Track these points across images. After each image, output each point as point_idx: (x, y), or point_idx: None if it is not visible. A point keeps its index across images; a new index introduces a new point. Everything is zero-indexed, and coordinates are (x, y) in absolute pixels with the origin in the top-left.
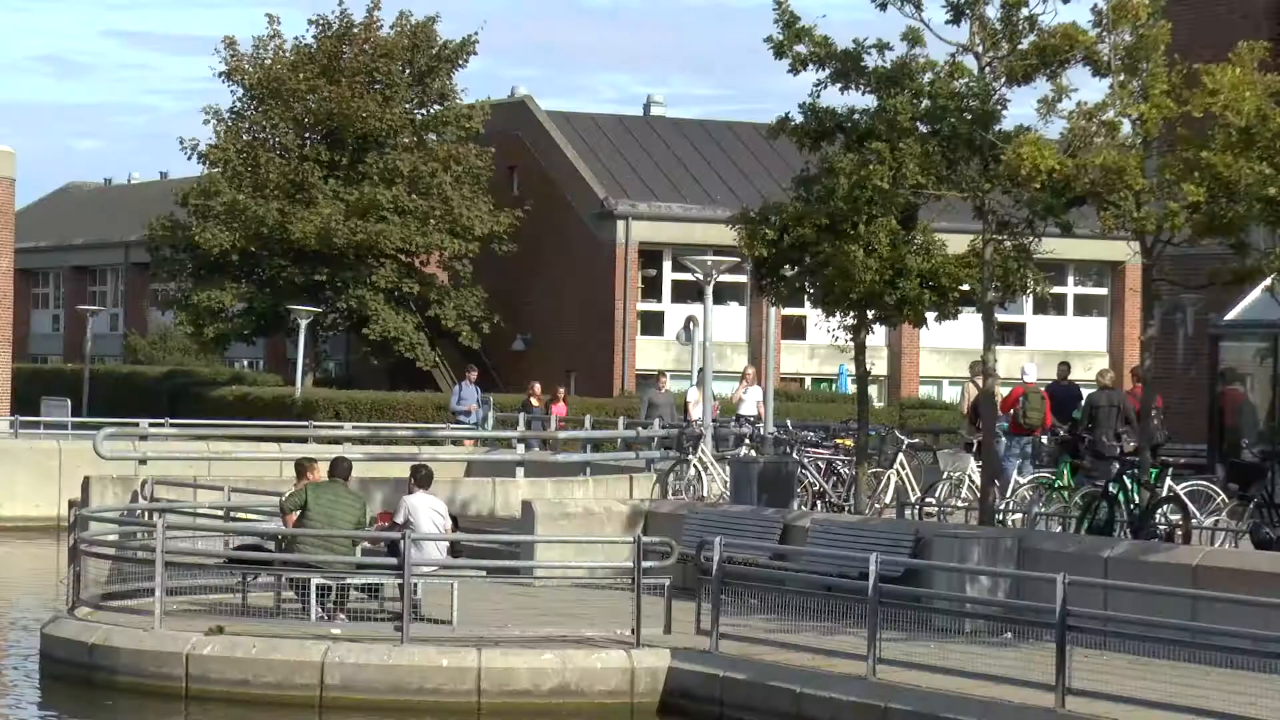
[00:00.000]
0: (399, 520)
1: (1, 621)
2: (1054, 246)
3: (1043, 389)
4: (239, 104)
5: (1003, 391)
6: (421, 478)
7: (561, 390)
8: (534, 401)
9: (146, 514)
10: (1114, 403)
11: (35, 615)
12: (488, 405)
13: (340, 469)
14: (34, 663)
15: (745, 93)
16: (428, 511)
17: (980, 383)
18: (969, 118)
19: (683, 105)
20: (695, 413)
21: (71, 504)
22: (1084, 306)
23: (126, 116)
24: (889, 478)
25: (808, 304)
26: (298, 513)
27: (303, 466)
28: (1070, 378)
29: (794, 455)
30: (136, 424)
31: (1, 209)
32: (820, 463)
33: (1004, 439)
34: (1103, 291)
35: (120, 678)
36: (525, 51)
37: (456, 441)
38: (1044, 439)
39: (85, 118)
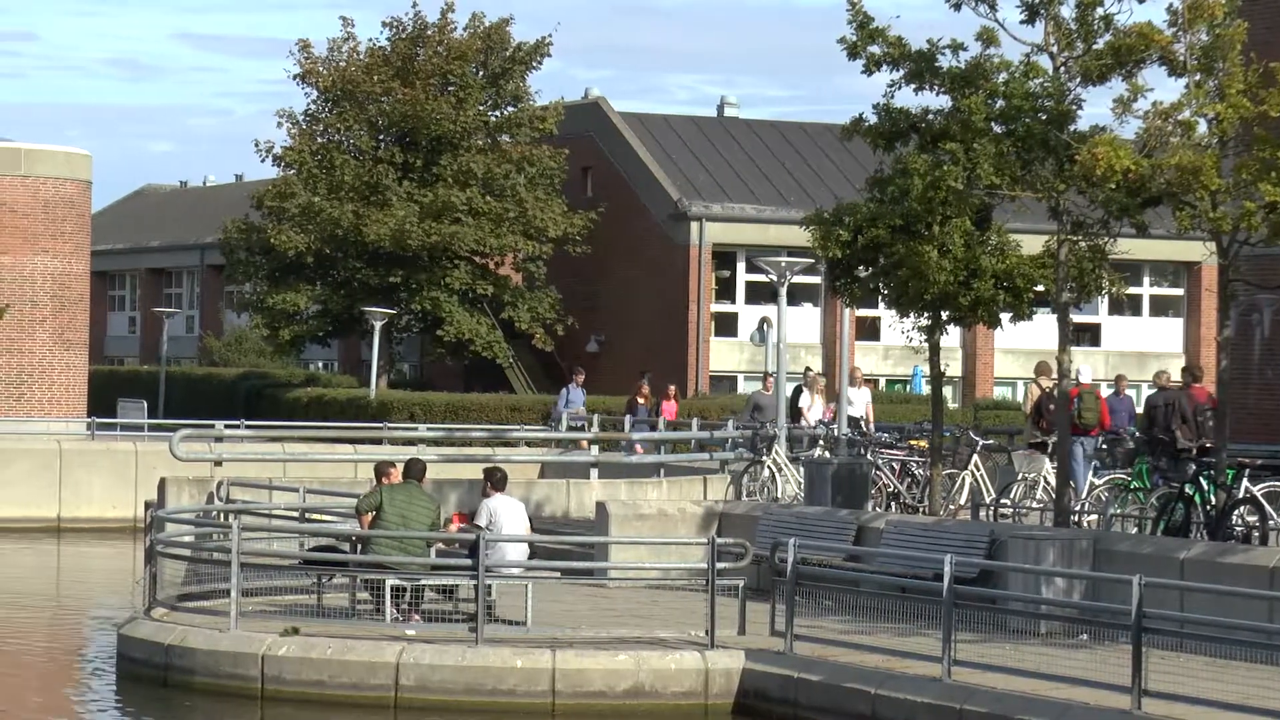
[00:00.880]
0: (480, 522)
1: (79, 622)
2: (1129, 247)
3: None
4: (313, 106)
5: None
6: (497, 480)
7: (673, 388)
8: (640, 400)
9: (222, 515)
10: (1170, 402)
11: (112, 616)
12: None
13: (415, 470)
14: (111, 663)
15: (817, 94)
16: (510, 514)
17: (1043, 384)
18: (1044, 118)
19: (755, 106)
20: (814, 415)
21: (148, 505)
22: (1159, 307)
23: (200, 119)
24: (964, 479)
25: (882, 305)
26: (372, 514)
27: (381, 469)
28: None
29: (868, 456)
30: (212, 426)
31: (78, 212)
32: (895, 464)
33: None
34: (1178, 292)
35: (196, 678)
36: (598, 53)
37: (530, 443)
38: (1101, 440)
39: (159, 121)
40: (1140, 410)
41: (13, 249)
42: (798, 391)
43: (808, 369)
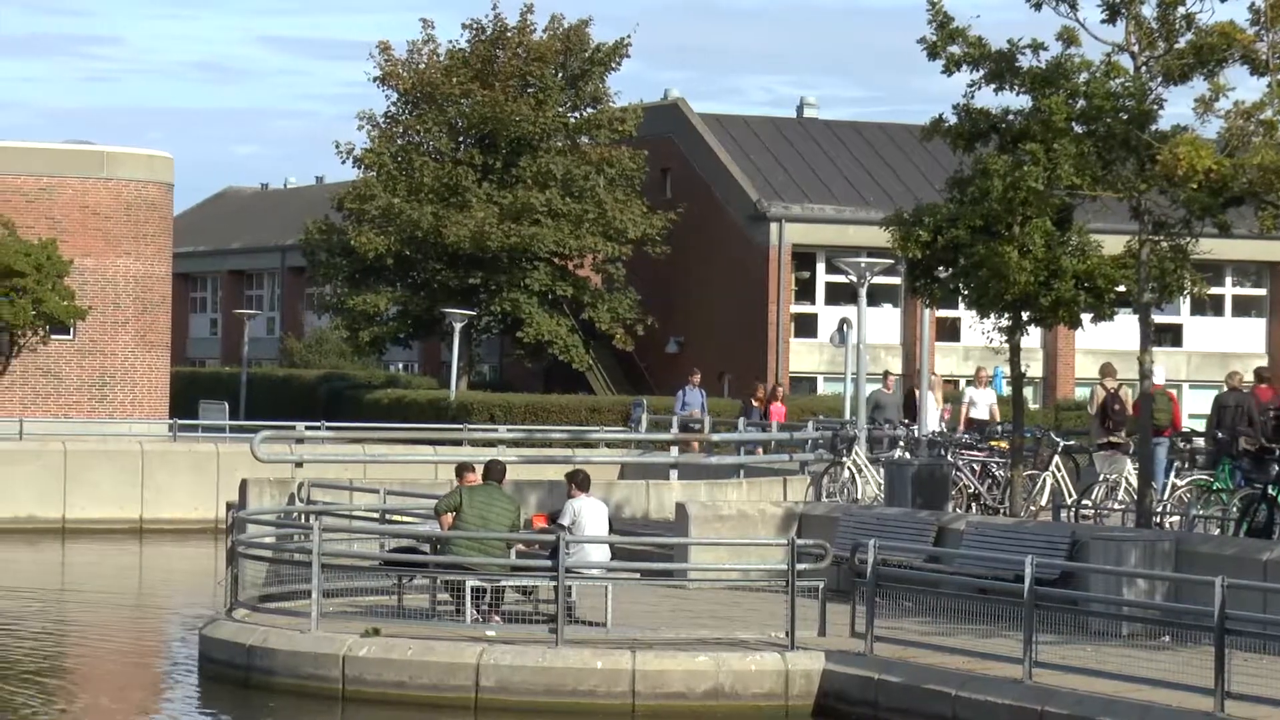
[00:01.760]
0: (564, 521)
1: (161, 623)
2: (1211, 247)
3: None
4: (393, 108)
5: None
6: (580, 481)
7: (780, 388)
8: (755, 402)
9: (303, 516)
10: (1240, 403)
11: (194, 616)
12: (641, 408)
13: (494, 472)
14: (193, 664)
15: (896, 94)
16: (593, 515)
17: (1108, 385)
18: (1125, 118)
19: (834, 107)
20: (933, 416)
21: (229, 506)
22: (1242, 307)
23: (282, 121)
24: (1044, 480)
25: (962, 306)
26: (452, 514)
27: (462, 469)
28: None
29: (948, 457)
30: (293, 427)
31: (160, 214)
32: (975, 465)
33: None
34: (1261, 292)
35: (277, 679)
36: (676, 54)
37: (610, 444)
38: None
39: (241, 123)
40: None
41: (95, 251)
42: (912, 392)
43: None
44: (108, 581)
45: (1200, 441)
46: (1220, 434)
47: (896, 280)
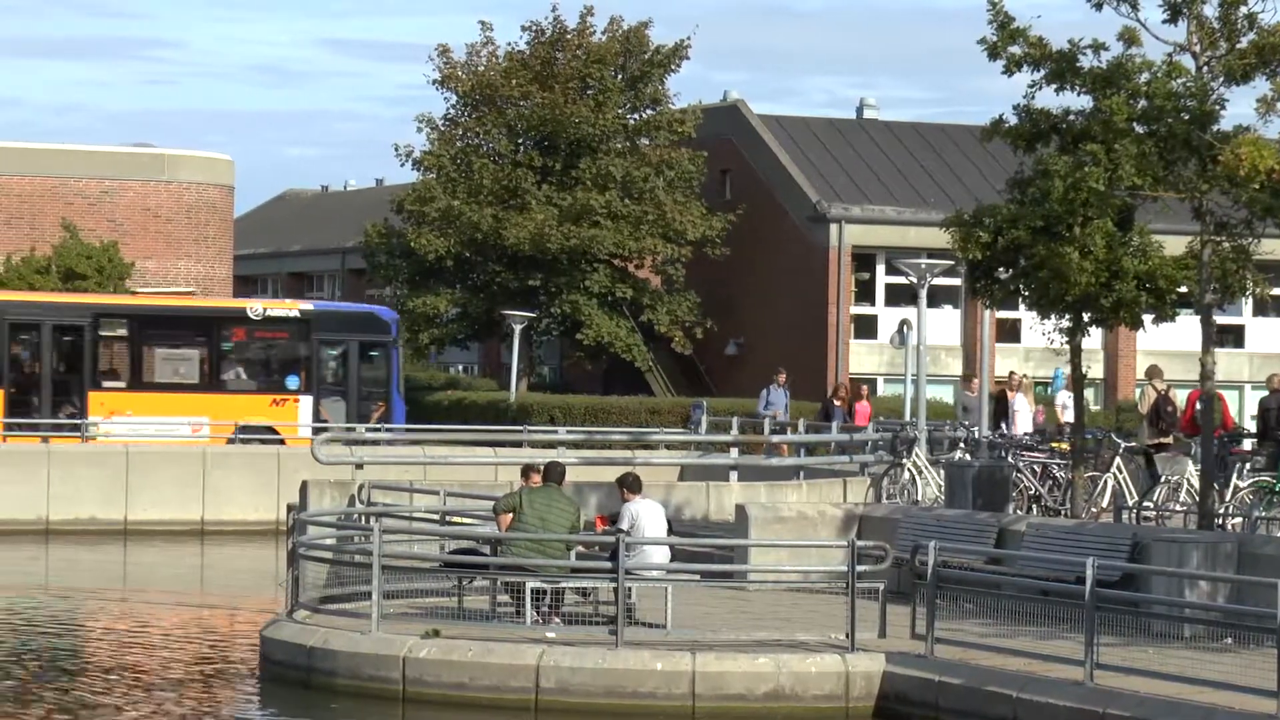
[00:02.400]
0: (623, 525)
1: (222, 624)
2: (1274, 247)
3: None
4: (453, 111)
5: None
6: (630, 483)
7: (865, 388)
8: (836, 402)
9: (363, 518)
10: None
11: (255, 618)
12: (700, 410)
13: (554, 473)
14: (254, 664)
15: (955, 95)
16: (651, 516)
17: (1157, 386)
18: (1186, 118)
19: (893, 108)
20: (1023, 418)
21: (290, 508)
22: None
23: (341, 124)
24: (1106, 481)
25: (1022, 307)
26: (510, 515)
27: (529, 471)
28: None
29: (1009, 459)
30: (353, 429)
31: (220, 216)
32: (1036, 466)
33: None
34: None
35: (338, 680)
36: (734, 55)
37: (670, 445)
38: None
39: (300, 125)
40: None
41: (157, 253)
42: (1002, 394)
43: (1012, 373)
44: (169, 583)
45: (1248, 444)
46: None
47: (957, 281)
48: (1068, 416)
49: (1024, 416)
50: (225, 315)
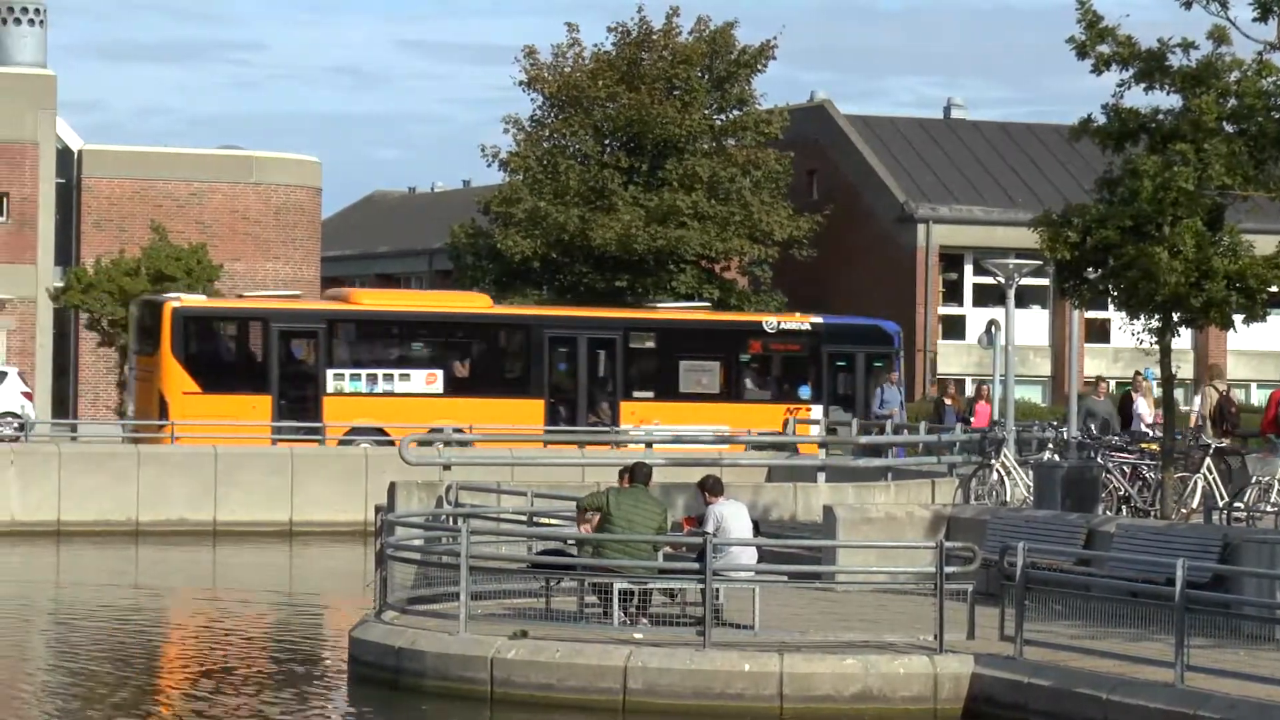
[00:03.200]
0: (709, 528)
1: (310, 624)
2: None
3: None
4: (539, 112)
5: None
6: (711, 486)
7: (985, 387)
8: (948, 402)
9: (451, 519)
10: None
11: (343, 619)
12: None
13: (641, 474)
14: (342, 665)
15: (1042, 94)
16: (736, 518)
17: (1219, 386)
18: (1277, 117)
19: (979, 108)
20: (1148, 420)
21: (378, 509)
22: None
23: (424, 126)
24: (1195, 482)
25: (1111, 307)
26: (597, 515)
27: (623, 474)
28: None
29: (1098, 459)
30: (441, 430)
31: (308, 218)
32: (1125, 467)
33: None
34: None
35: (426, 681)
36: (821, 55)
37: (758, 446)
38: None
39: (385, 128)
40: None
41: (245, 255)
42: (1127, 397)
43: (1137, 373)
44: (258, 583)
45: None
46: None
47: (1045, 281)
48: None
49: (1147, 419)
50: (744, 329)
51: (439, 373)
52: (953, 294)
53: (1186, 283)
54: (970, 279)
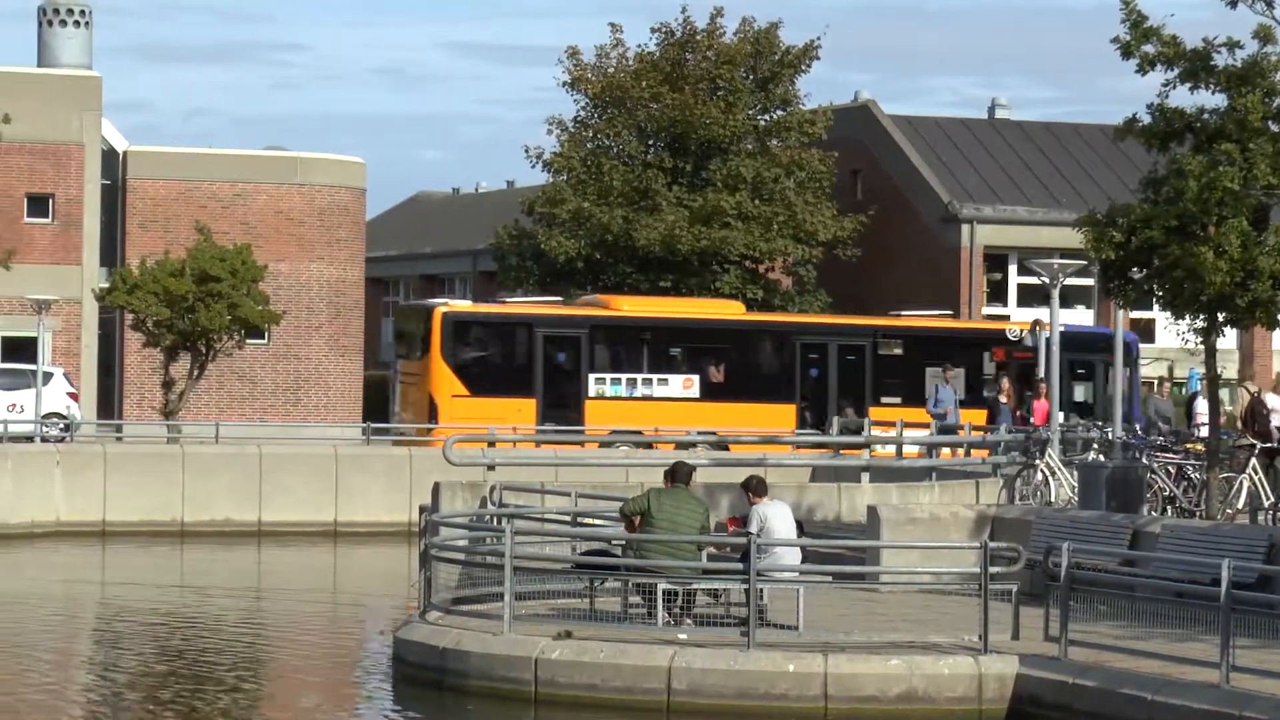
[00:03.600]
0: (752, 528)
1: (355, 625)
2: None
3: None
4: (583, 113)
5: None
6: (755, 487)
7: (1043, 385)
8: (1003, 399)
9: (495, 519)
10: None
11: (388, 619)
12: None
13: (681, 474)
14: (387, 665)
15: (1086, 94)
16: (780, 518)
17: (1250, 389)
18: None
19: (1025, 107)
20: (1275, 421)
21: (422, 509)
22: None
23: (470, 126)
24: (1241, 482)
25: (1156, 307)
26: (639, 517)
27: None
28: None
29: (1143, 460)
30: (485, 430)
31: (352, 219)
32: (1170, 467)
33: None
34: None
35: (471, 681)
36: (865, 55)
37: (802, 446)
38: None
39: (429, 128)
40: None
41: (289, 256)
42: (1193, 398)
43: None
44: (302, 583)
45: None
46: None
47: (1090, 282)
48: (1277, 420)
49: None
50: (988, 336)
51: (695, 378)
52: (997, 294)
53: (1232, 282)
54: (1015, 279)
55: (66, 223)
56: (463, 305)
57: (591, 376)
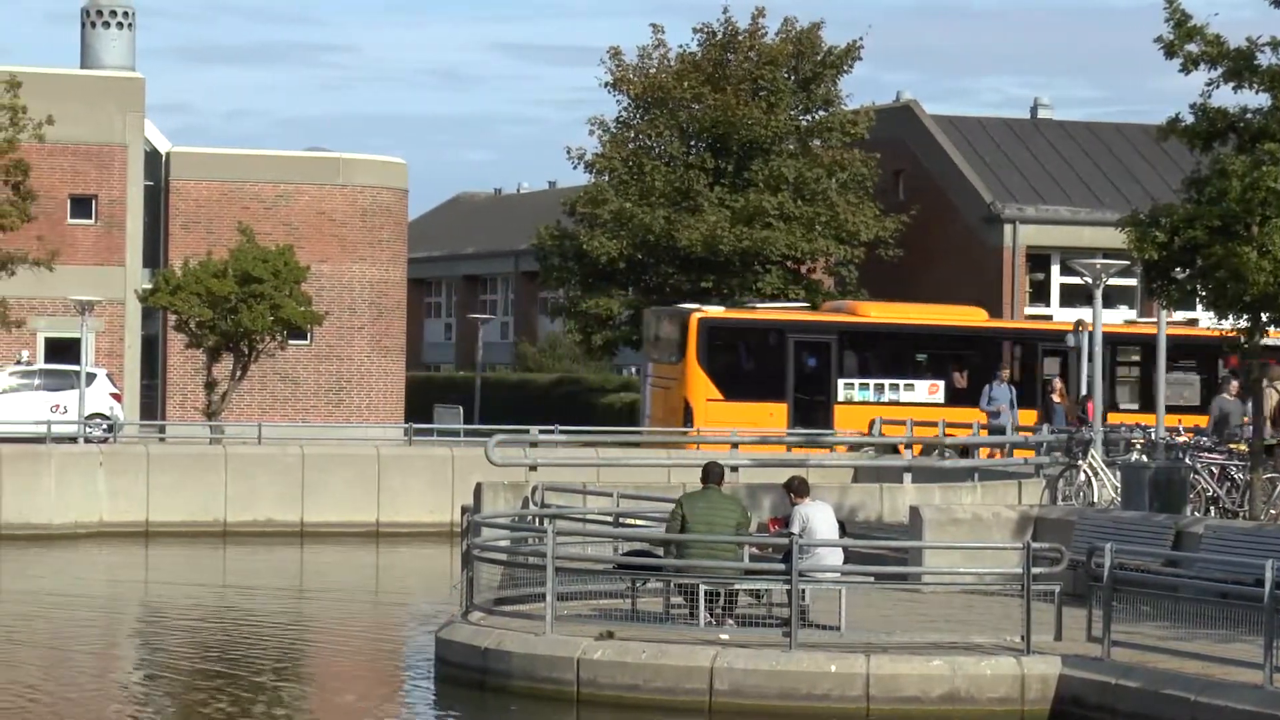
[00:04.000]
0: (794, 529)
1: (397, 625)
2: None
3: None
4: (625, 113)
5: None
6: (797, 488)
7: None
8: (1056, 399)
9: (537, 520)
10: None
11: (430, 619)
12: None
13: (713, 474)
14: (429, 665)
15: (1129, 94)
16: (822, 519)
17: (1279, 387)
18: None
19: (1067, 107)
20: None
21: (464, 510)
22: None
23: (512, 127)
24: None
25: (1200, 307)
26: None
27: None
28: None
29: (1186, 460)
30: (527, 431)
31: (395, 220)
32: (1214, 468)
33: None
34: None
35: (513, 681)
36: (906, 55)
37: (843, 447)
38: None
39: (472, 129)
40: None
41: (331, 257)
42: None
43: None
44: (345, 584)
45: None
46: None
47: (1133, 282)
48: None
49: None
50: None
51: (940, 383)
52: (1039, 294)
53: (1275, 282)
54: (1057, 279)
55: (110, 224)
56: (717, 311)
57: (840, 381)
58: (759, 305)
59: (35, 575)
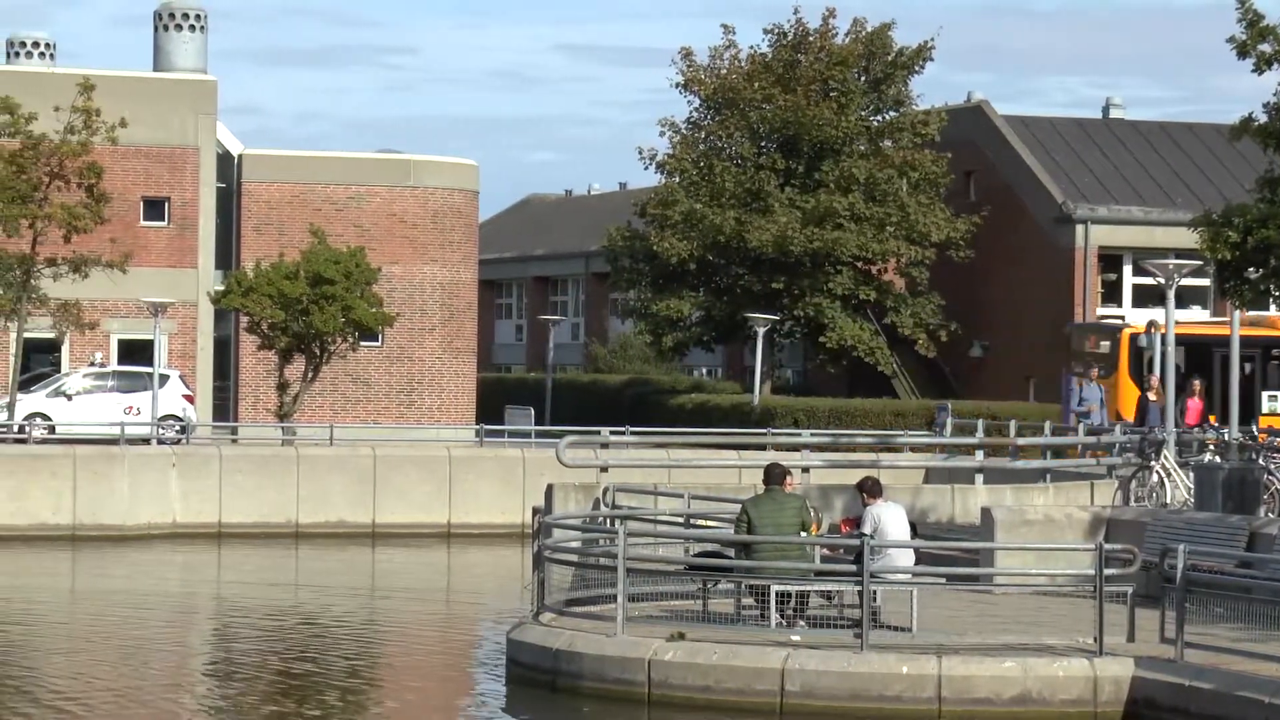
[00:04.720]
0: (866, 529)
1: (469, 626)
2: None
3: None
4: (695, 114)
5: None
6: (869, 488)
7: (1198, 384)
8: (1152, 396)
9: (608, 521)
10: None
11: (501, 620)
12: (945, 412)
13: (775, 475)
14: (500, 666)
15: (1201, 93)
16: (894, 520)
17: None
18: None
19: (1138, 107)
20: None
21: (535, 511)
22: None
23: (581, 128)
24: None
25: (1273, 307)
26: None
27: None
28: None
29: (1260, 461)
30: (598, 432)
31: (465, 221)
32: None
33: None
34: None
35: (584, 683)
36: (977, 56)
37: (915, 448)
38: None
39: (541, 130)
40: None
41: (403, 258)
42: None
43: None
44: (416, 585)
45: None
46: None
47: (1205, 282)
48: None
49: None
50: None
51: None
52: (1112, 295)
53: None
54: (1129, 279)
55: (182, 225)
56: (1142, 328)
57: (1265, 394)
58: (1183, 323)
59: (109, 576)
